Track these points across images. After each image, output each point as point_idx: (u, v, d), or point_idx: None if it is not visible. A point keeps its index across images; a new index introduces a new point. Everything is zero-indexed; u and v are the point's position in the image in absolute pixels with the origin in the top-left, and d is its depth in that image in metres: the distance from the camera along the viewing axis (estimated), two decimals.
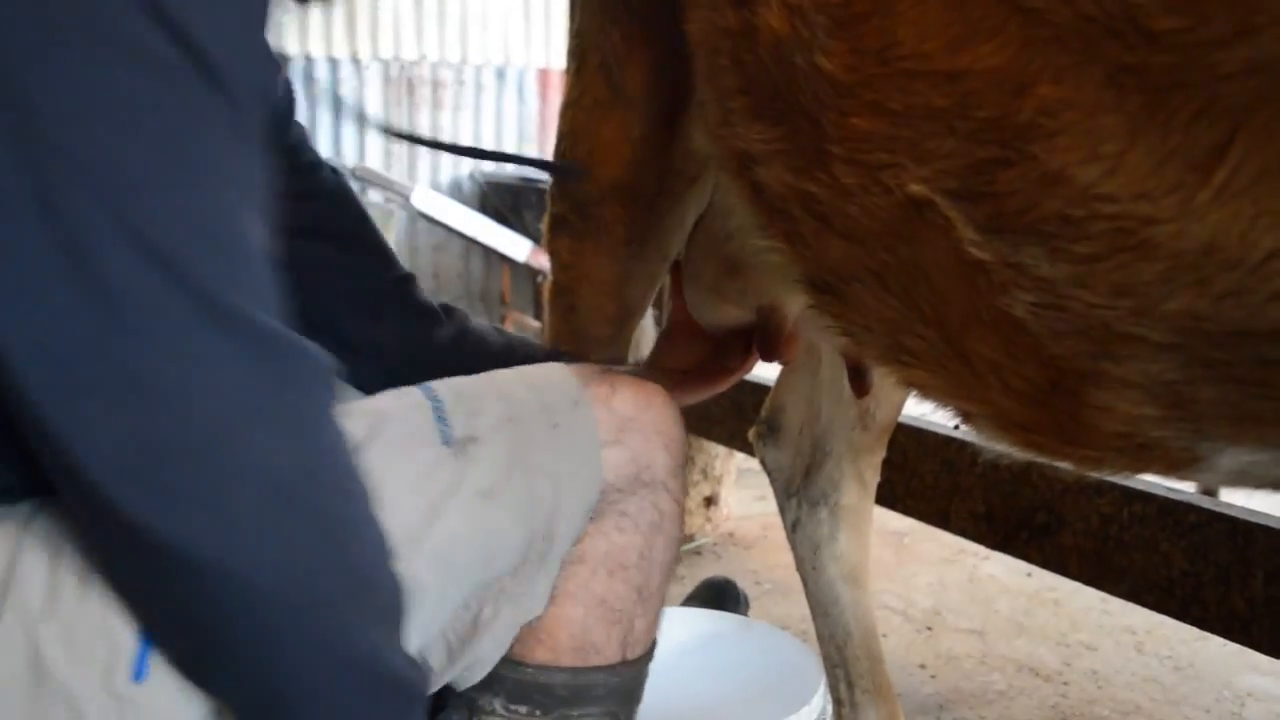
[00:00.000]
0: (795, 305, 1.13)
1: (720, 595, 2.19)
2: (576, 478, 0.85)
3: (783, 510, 1.68)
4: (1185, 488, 1.61)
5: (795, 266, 0.91)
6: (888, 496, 1.85)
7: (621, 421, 0.89)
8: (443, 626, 0.82)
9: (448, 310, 1.22)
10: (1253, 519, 1.43)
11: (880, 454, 1.62)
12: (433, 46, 5.66)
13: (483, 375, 0.91)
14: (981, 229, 0.76)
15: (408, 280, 1.22)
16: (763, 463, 1.71)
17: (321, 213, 1.17)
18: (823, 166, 0.81)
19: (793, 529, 1.66)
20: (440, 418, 0.85)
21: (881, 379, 1.44)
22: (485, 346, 1.21)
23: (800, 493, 1.65)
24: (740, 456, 2.90)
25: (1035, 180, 0.72)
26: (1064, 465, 0.90)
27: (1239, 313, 0.72)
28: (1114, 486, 1.56)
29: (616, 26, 1.09)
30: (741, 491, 3.06)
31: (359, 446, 0.79)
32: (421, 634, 0.81)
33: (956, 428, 0.96)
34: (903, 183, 0.77)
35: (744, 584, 2.50)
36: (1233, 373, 0.76)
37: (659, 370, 1.33)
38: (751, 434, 1.73)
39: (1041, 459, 0.91)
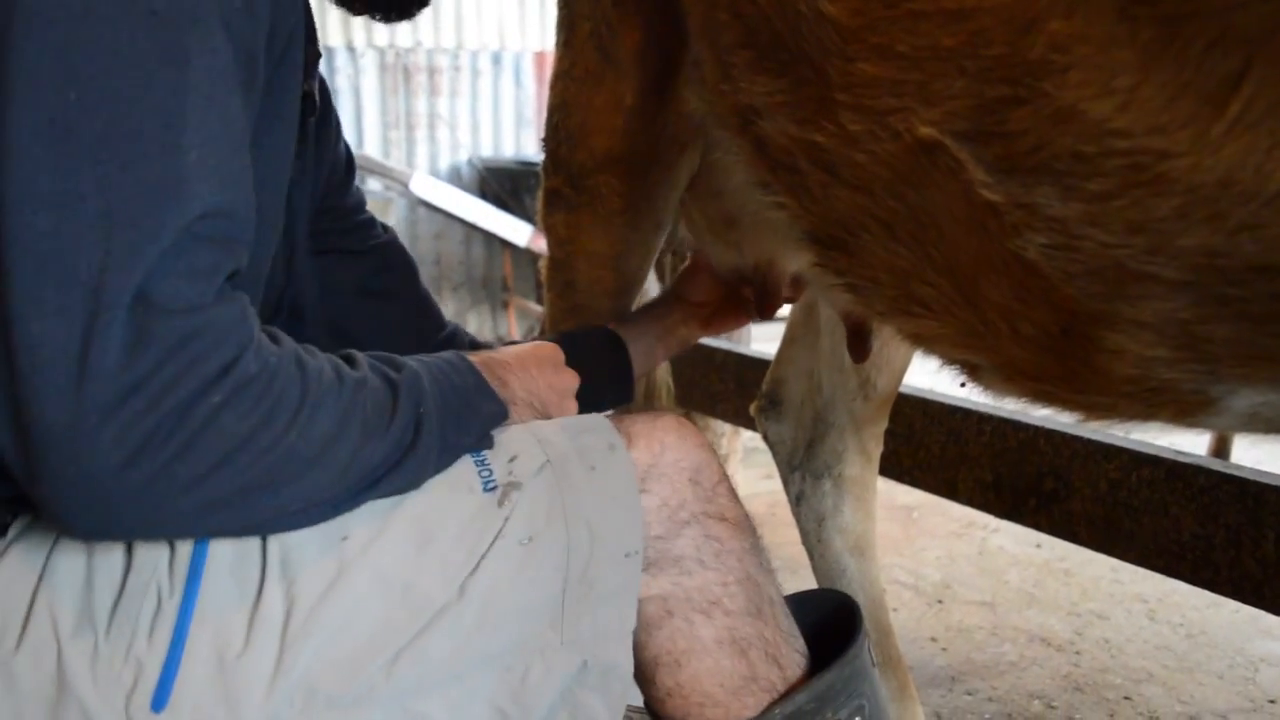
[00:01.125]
0: (789, 262, 1.11)
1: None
2: (614, 523, 0.86)
3: (786, 484, 1.67)
4: (1195, 450, 1.61)
5: (800, 222, 0.90)
6: (895, 468, 1.84)
7: (643, 471, 0.89)
8: (490, 694, 0.82)
9: None
10: (1263, 480, 1.42)
11: (882, 424, 1.61)
12: (428, 33, 5.59)
13: (519, 424, 0.92)
14: (992, 170, 0.76)
15: (454, 335, 1.26)
16: (765, 437, 1.70)
17: (371, 270, 1.21)
18: (829, 115, 0.80)
19: (797, 502, 1.65)
20: (480, 462, 0.86)
21: (881, 346, 1.44)
22: None
23: (803, 466, 1.64)
24: (747, 435, 2.88)
25: (1047, 117, 0.72)
26: (1073, 414, 0.90)
27: (1254, 247, 0.72)
28: (1122, 451, 1.55)
29: None
30: (748, 470, 3.04)
31: (400, 495, 0.81)
32: (465, 704, 0.81)
33: (963, 385, 0.96)
34: (911, 126, 0.76)
35: None
36: (1247, 309, 0.76)
37: (680, 302, 1.32)
38: (753, 408, 1.71)
39: (1050, 408, 0.91)
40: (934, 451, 1.81)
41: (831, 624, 1.03)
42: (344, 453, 0.76)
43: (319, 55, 1.02)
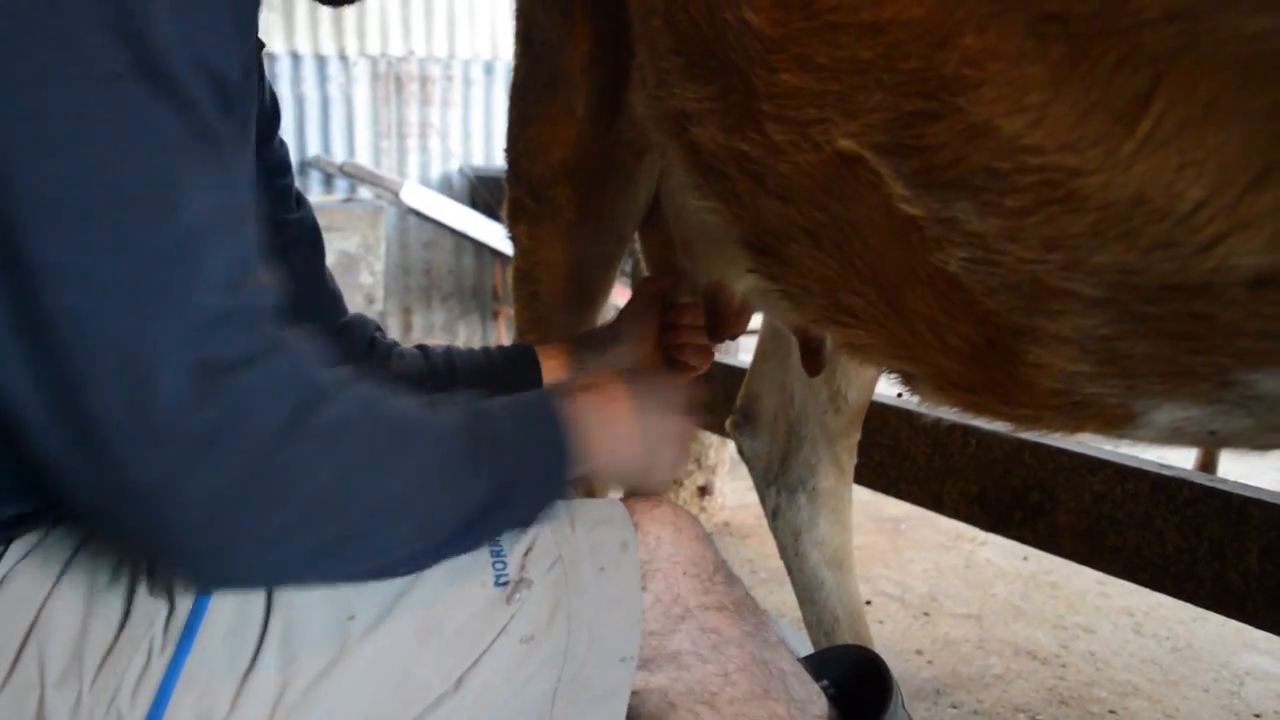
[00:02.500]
0: (738, 285, 1.11)
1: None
2: (614, 627, 0.86)
3: (763, 498, 1.67)
4: (1179, 463, 1.60)
5: (733, 227, 0.91)
6: (880, 481, 1.84)
7: (640, 565, 0.89)
8: None
9: (396, 348, 1.22)
10: (1246, 493, 1.42)
11: (855, 436, 1.61)
12: (420, 42, 5.59)
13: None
14: (911, 184, 0.76)
15: (351, 325, 1.21)
16: (740, 452, 1.69)
17: (274, 244, 1.15)
18: (754, 124, 0.80)
19: (773, 517, 1.65)
20: (496, 553, 0.85)
21: (848, 358, 1.44)
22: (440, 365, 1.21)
23: (778, 480, 1.64)
24: (734, 446, 2.89)
25: (962, 132, 0.72)
26: (1003, 425, 0.90)
27: (1169, 265, 0.72)
28: (1107, 464, 1.55)
29: (554, 3, 1.08)
30: (736, 481, 3.03)
31: (410, 580, 0.80)
32: None
33: (900, 395, 0.96)
34: (831, 138, 0.76)
35: (740, 572, 2.49)
36: (1165, 327, 0.75)
37: (623, 337, 1.29)
38: (728, 423, 1.71)
39: (982, 418, 0.91)
40: (920, 464, 1.81)
41: (859, 679, 1.02)
42: (422, 506, 0.76)
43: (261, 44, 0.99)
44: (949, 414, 0.93)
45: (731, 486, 3.02)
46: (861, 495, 2.04)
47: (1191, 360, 0.76)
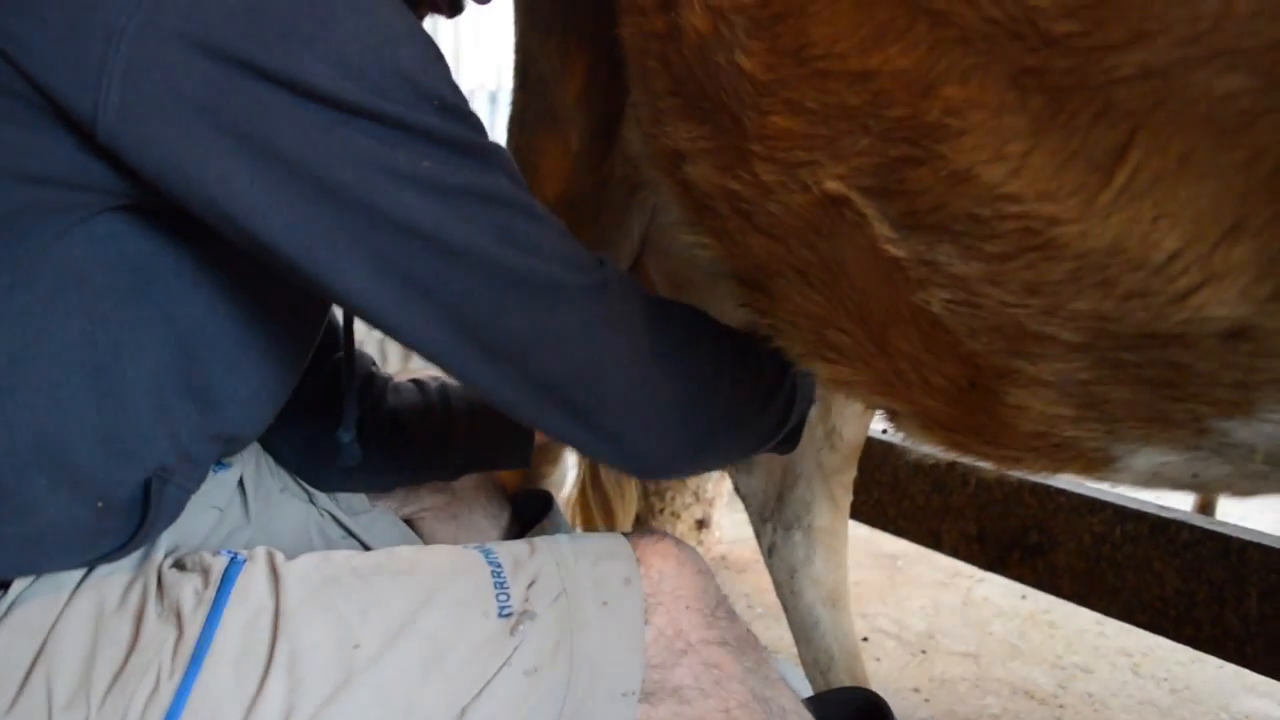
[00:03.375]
0: (733, 317, 1.13)
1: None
2: (616, 662, 0.87)
3: (759, 535, 1.67)
4: (1178, 505, 1.61)
5: (724, 263, 0.93)
6: (879, 518, 1.85)
7: (643, 600, 0.90)
8: None
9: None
10: (1246, 537, 1.43)
11: (850, 473, 1.61)
12: None
13: (542, 541, 0.94)
14: (896, 226, 0.77)
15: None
16: (736, 490, 1.70)
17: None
18: (744, 164, 0.82)
19: (769, 554, 1.66)
20: (499, 584, 0.88)
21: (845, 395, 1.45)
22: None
23: (774, 517, 1.64)
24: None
25: (944, 178, 0.73)
26: (987, 465, 0.91)
27: (1145, 314, 0.73)
28: (1106, 505, 1.56)
29: (551, 38, 1.10)
30: (734, 514, 2.99)
31: (416, 609, 0.84)
32: None
33: (885, 431, 0.97)
34: (819, 180, 0.78)
35: (737, 607, 2.47)
36: (1142, 374, 0.77)
37: None
38: None
39: (966, 458, 0.92)
40: (919, 502, 1.82)
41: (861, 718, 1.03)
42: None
43: None
44: (939, 453, 0.95)
45: (729, 520, 3.01)
46: (860, 531, 2.04)
47: (1169, 407, 0.78)
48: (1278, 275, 0.68)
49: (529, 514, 1.36)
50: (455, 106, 0.80)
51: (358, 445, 1.06)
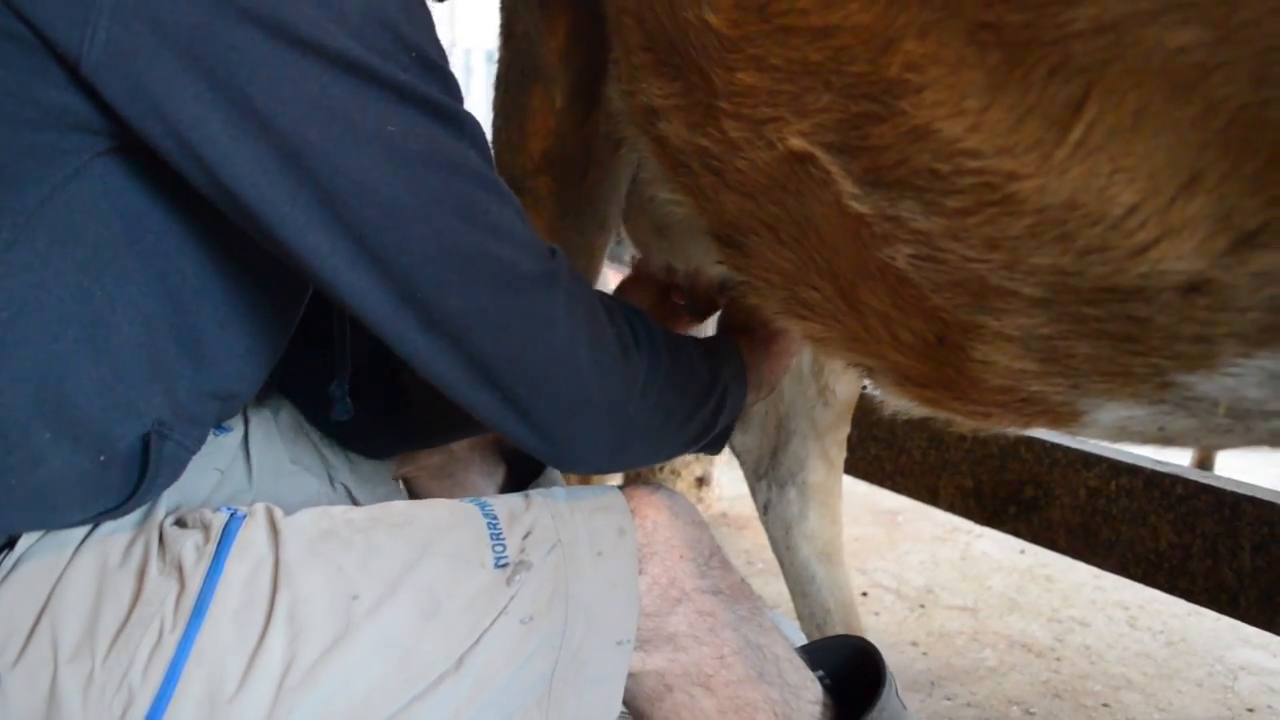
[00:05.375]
0: (714, 270, 1.15)
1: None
2: (611, 611, 0.89)
3: (754, 493, 1.70)
4: (1174, 459, 1.61)
5: (699, 219, 0.94)
6: (876, 474, 1.87)
7: (637, 550, 0.92)
8: None
9: None
10: (1239, 490, 1.44)
11: (844, 430, 1.63)
12: None
13: (538, 494, 0.96)
14: (860, 182, 0.78)
15: None
16: (732, 447, 1.71)
17: None
18: (714, 121, 0.83)
19: (764, 510, 1.68)
20: (495, 536, 0.89)
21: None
22: None
23: (769, 474, 1.66)
24: None
25: (905, 134, 0.74)
26: (960, 421, 0.92)
27: (1104, 268, 0.74)
28: (1101, 459, 1.57)
29: None
30: (734, 471, 3.01)
31: (413, 561, 0.85)
32: None
33: (865, 388, 0.98)
34: (784, 137, 0.79)
35: (737, 563, 2.48)
36: (1104, 329, 0.77)
37: None
38: None
39: (938, 413, 0.93)
40: (915, 457, 1.83)
41: (853, 669, 1.05)
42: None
43: None
44: (913, 409, 0.96)
45: (729, 477, 3.03)
46: (859, 487, 2.07)
47: (1131, 361, 0.78)
48: (1234, 229, 0.69)
49: (525, 471, 1.38)
50: (434, 64, 0.80)
51: (349, 400, 1.07)
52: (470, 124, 0.82)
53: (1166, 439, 0.87)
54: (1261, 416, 0.80)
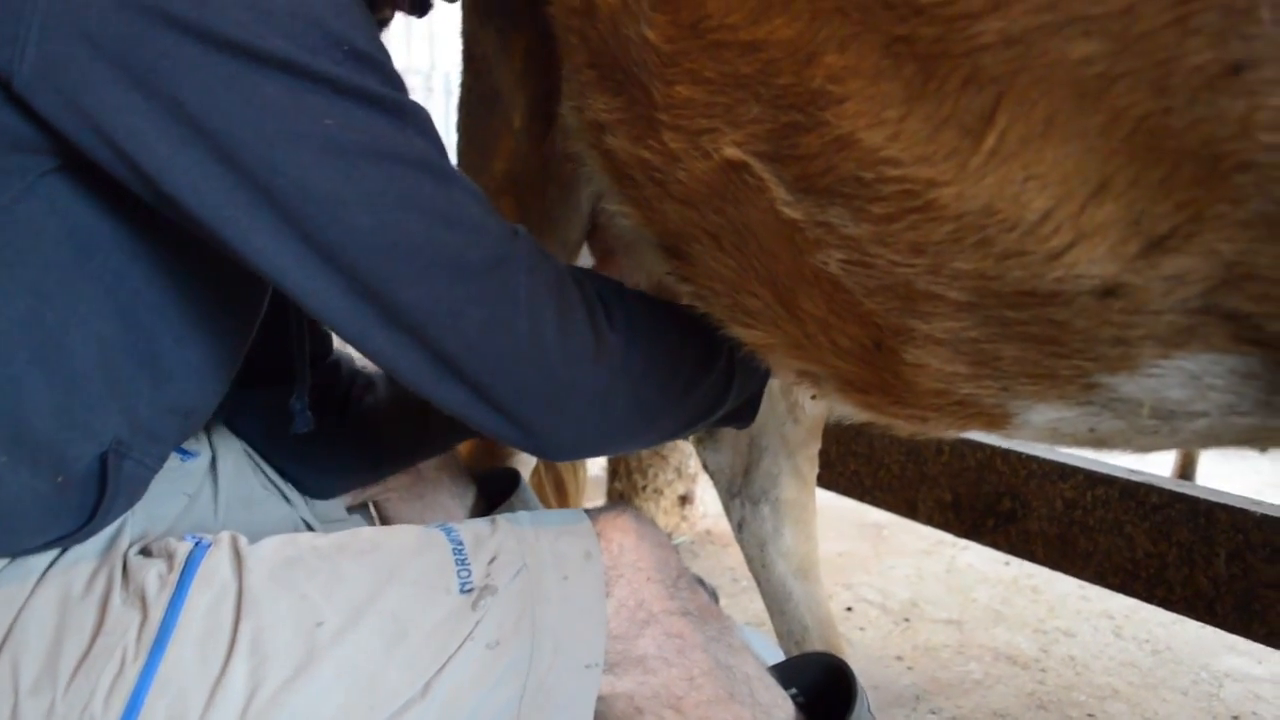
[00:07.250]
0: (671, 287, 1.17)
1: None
2: (578, 634, 0.89)
3: (728, 511, 1.70)
4: (1148, 469, 1.63)
5: (646, 230, 0.97)
6: (856, 489, 1.88)
7: (604, 573, 0.92)
8: None
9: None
10: (1214, 498, 1.46)
11: (815, 446, 1.64)
12: (400, 54, 5.62)
13: (503, 518, 0.95)
14: (791, 189, 0.81)
15: (340, 363, 1.27)
16: (705, 466, 1.73)
17: None
18: (654, 134, 0.86)
19: (739, 529, 1.68)
20: (461, 561, 0.89)
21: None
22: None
23: (742, 492, 1.67)
24: None
25: (830, 143, 0.77)
26: (900, 426, 0.94)
27: (1022, 273, 0.76)
28: (1077, 470, 1.59)
29: (491, 21, 1.14)
30: (715, 489, 3.05)
31: (378, 587, 0.85)
32: None
33: (814, 396, 1.01)
34: (719, 147, 0.82)
35: (721, 581, 2.49)
36: (1027, 331, 0.80)
37: None
38: (693, 439, 1.75)
39: (880, 419, 0.95)
40: (894, 471, 1.85)
41: (825, 686, 1.05)
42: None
43: None
44: (855, 415, 0.98)
45: (712, 495, 3.01)
46: (844, 502, 2.08)
47: (1055, 364, 0.81)
48: (1144, 234, 0.71)
49: (496, 492, 1.39)
50: (368, 55, 0.79)
51: (309, 412, 1.08)
52: (414, 112, 0.81)
53: (1099, 440, 0.89)
54: (1186, 417, 0.82)
